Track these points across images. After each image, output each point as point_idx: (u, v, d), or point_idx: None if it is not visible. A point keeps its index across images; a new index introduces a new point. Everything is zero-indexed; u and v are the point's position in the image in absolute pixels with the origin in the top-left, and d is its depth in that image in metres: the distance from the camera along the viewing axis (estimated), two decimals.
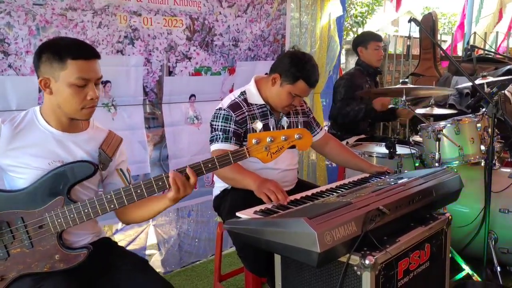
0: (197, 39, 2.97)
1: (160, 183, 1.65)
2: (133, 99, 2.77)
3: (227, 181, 2.38)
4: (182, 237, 3.26)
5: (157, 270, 3.04)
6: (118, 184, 1.86)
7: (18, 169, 1.68)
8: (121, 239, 2.93)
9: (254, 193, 2.12)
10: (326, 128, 4.20)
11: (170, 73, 2.89)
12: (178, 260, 3.25)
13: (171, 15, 2.82)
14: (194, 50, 2.97)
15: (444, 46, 7.91)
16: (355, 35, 8.82)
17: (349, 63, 6.74)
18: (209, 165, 1.65)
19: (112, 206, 1.65)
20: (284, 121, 2.44)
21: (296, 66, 2.31)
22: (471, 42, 5.74)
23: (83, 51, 1.66)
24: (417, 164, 3.18)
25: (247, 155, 1.66)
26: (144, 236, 3.08)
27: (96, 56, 1.70)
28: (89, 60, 1.66)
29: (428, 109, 3.54)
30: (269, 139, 1.66)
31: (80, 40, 1.79)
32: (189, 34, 2.93)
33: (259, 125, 1.69)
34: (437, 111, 3.54)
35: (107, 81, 2.63)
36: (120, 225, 2.92)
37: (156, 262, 3.15)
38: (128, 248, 2.95)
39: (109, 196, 1.64)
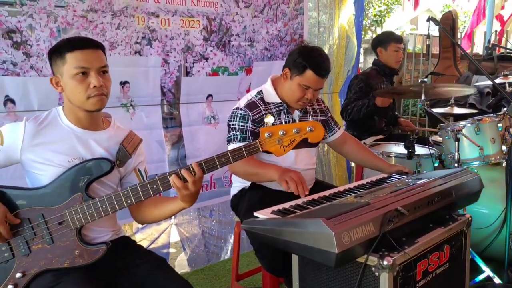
0: (214, 39, 2.98)
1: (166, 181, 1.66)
2: (151, 99, 2.80)
3: (250, 177, 2.38)
4: (207, 237, 3.28)
5: (184, 270, 3.11)
6: (136, 183, 1.88)
7: (40, 166, 1.72)
8: (142, 239, 2.96)
9: (277, 181, 2.12)
10: (344, 128, 4.18)
11: (187, 73, 2.91)
12: (205, 260, 3.26)
13: (188, 16, 2.84)
14: (211, 51, 2.98)
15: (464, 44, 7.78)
16: (374, 34, 8.74)
17: (367, 62, 6.70)
18: (223, 159, 1.66)
19: (129, 201, 1.67)
20: (296, 115, 2.45)
21: (303, 56, 2.32)
22: (492, 41, 5.65)
23: (78, 43, 1.72)
24: (436, 164, 3.14)
25: (260, 149, 1.66)
26: (165, 236, 3.10)
27: (94, 46, 1.73)
28: (85, 50, 1.70)
29: (448, 108, 3.49)
30: (281, 132, 1.66)
31: (81, 36, 1.83)
32: (206, 35, 2.95)
33: (271, 119, 1.69)
34: (457, 110, 3.50)
35: (126, 82, 2.66)
36: (140, 225, 2.95)
37: (181, 261, 3.17)
38: (150, 247, 2.98)
39: (126, 192, 1.67)
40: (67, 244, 1.69)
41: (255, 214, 1.87)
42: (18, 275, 1.66)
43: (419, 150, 3.17)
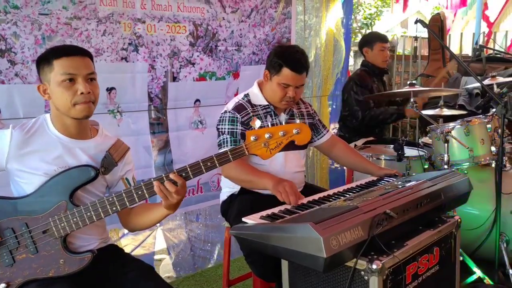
0: (200, 44, 2.98)
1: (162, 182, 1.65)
2: (138, 105, 2.79)
3: (244, 183, 2.38)
4: (193, 241, 3.26)
5: (168, 274, 3.09)
6: None
7: (25, 175, 1.70)
8: (128, 243, 2.94)
9: (271, 191, 2.13)
10: (335, 130, 4.18)
11: (174, 78, 2.91)
12: (191, 265, 3.24)
13: (174, 22, 2.84)
14: (198, 56, 2.98)
15: (455, 45, 7.82)
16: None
17: (357, 64, 6.70)
18: (208, 164, 1.64)
19: (114, 208, 1.65)
20: (283, 118, 2.45)
21: (278, 55, 2.36)
22: (480, 42, 5.69)
23: (65, 50, 1.72)
24: (426, 166, 3.14)
25: (246, 152, 1.65)
26: (151, 240, 3.08)
27: (81, 53, 1.73)
28: (72, 56, 1.70)
29: (437, 110, 3.50)
30: (268, 135, 1.65)
31: (69, 44, 1.83)
32: (193, 40, 2.94)
33: (257, 122, 1.68)
34: (447, 112, 3.50)
35: (112, 88, 2.65)
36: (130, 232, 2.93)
37: (166, 266, 3.15)
38: (136, 252, 2.96)
39: (111, 199, 1.65)
40: (51, 253, 1.67)
41: (244, 219, 1.86)
42: (2, 285, 1.63)
43: (409, 152, 3.17)
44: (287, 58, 2.34)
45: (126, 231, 2.93)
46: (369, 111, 3.71)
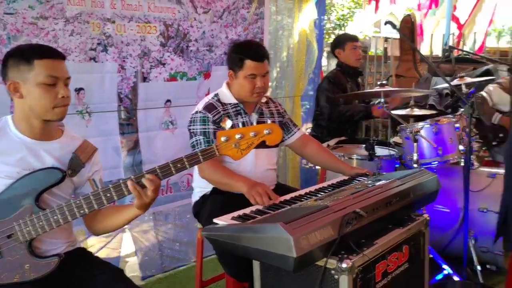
0: (171, 45, 2.96)
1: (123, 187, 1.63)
2: (108, 105, 2.75)
3: (220, 186, 2.37)
4: (162, 241, 3.22)
5: (134, 274, 3.05)
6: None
7: None
8: (94, 244, 2.89)
9: (245, 195, 2.13)
10: (309, 130, 4.20)
11: (144, 79, 2.88)
12: (159, 265, 3.20)
13: (144, 22, 2.81)
14: (169, 56, 2.95)
15: (425, 46, 7.98)
16: None
17: (330, 65, 6.77)
18: (178, 165, 1.63)
19: (82, 211, 1.62)
20: (254, 118, 2.46)
21: (236, 51, 2.43)
22: (449, 43, 5.81)
23: (48, 51, 1.70)
24: (397, 165, 3.18)
25: (217, 153, 1.64)
26: (118, 240, 3.03)
27: (62, 57, 1.72)
28: (55, 60, 1.68)
29: (408, 110, 3.55)
30: (238, 136, 1.64)
31: (47, 45, 1.81)
32: (163, 40, 2.92)
33: (228, 123, 1.68)
34: (418, 111, 3.56)
35: (81, 88, 2.60)
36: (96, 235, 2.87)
37: (133, 266, 3.10)
38: (102, 252, 2.91)
39: (78, 201, 1.62)
40: (16, 258, 1.63)
41: (215, 220, 1.86)
42: None
43: (380, 151, 3.21)
44: (246, 50, 2.41)
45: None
46: (337, 107, 3.74)
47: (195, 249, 3.28)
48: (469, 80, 3.49)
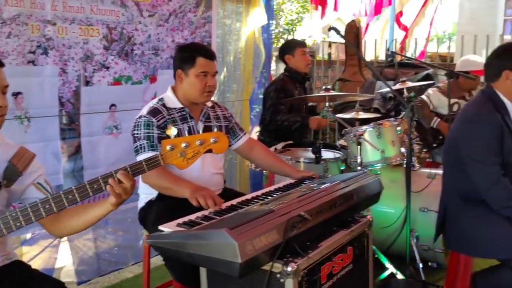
0: (115, 48, 2.90)
1: (96, 186, 1.57)
2: (48, 110, 2.66)
3: (164, 190, 2.33)
4: (99, 246, 3.11)
5: (70, 280, 2.95)
6: (39, 198, 1.75)
7: None
8: (28, 251, 2.77)
9: (188, 199, 2.10)
10: (258, 134, 4.22)
11: (87, 83, 2.80)
12: (95, 269, 3.09)
13: (87, 24, 2.74)
14: (112, 60, 2.89)
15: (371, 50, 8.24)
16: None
17: (279, 69, 6.84)
18: None
19: (18, 224, 1.53)
20: (200, 126, 2.45)
21: (186, 50, 2.45)
22: (392, 48, 6.03)
23: None
24: (342, 168, 3.25)
25: (162, 162, 1.61)
26: (53, 248, 2.91)
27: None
28: None
29: (353, 113, 3.64)
30: (184, 145, 1.62)
31: None
32: (106, 43, 2.86)
33: (173, 131, 1.65)
34: (363, 115, 3.66)
35: (19, 93, 2.50)
36: (29, 235, 2.74)
37: (68, 272, 3.00)
38: (38, 258, 2.80)
39: (14, 214, 1.52)
40: None
41: (160, 227, 1.83)
42: None
43: (327, 154, 3.27)
44: (197, 48, 2.45)
45: (28, 236, 2.76)
46: (277, 115, 3.79)
47: (135, 252, 3.24)
48: (410, 84, 3.63)
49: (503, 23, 11.11)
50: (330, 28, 2.89)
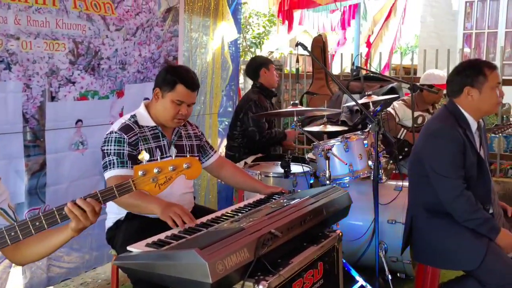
0: (81, 63, 2.85)
1: (64, 212, 1.54)
2: (11, 126, 2.58)
3: (131, 208, 2.28)
4: (51, 257, 2.95)
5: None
6: (1, 224, 1.68)
7: None
8: None
9: (160, 217, 2.07)
10: (224, 148, 4.21)
11: (52, 98, 2.74)
12: (45, 282, 2.96)
13: (52, 39, 2.68)
14: (79, 74, 2.84)
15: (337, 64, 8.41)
16: (253, 56, 9.05)
17: (247, 83, 6.86)
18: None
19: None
20: (173, 151, 2.41)
21: (171, 73, 2.38)
22: (357, 63, 6.15)
23: None
24: (312, 181, 3.28)
25: (133, 188, 1.59)
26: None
27: None
28: None
29: (321, 126, 3.68)
30: (156, 170, 1.60)
31: None
32: (73, 58, 2.80)
33: (146, 156, 1.63)
34: (330, 128, 3.70)
35: None
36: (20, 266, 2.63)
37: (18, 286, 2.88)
38: None
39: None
40: None
41: (129, 248, 1.79)
42: None
43: (296, 168, 3.28)
44: (182, 75, 2.37)
45: None
46: (268, 132, 3.85)
47: (86, 262, 3.14)
48: (376, 98, 3.70)
49: (463, 36, 11.52)
50: (297, 44, 2.93)
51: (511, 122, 5.43)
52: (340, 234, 2.20)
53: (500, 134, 4.50)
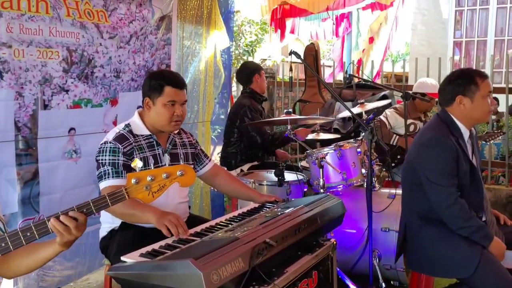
0: (75, 71, 2.84)
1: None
2: (3, 135, 2.56)
3: (126, 217, 2.27)
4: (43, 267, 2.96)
5: None
6: None
7: None
8: None
9: (155, 226, 2.06)
10: (219, 156, 4.21)
11: (45, 106, 2.72)
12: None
13: (46, 47, 2.67)
14: (72, 82, 2.83)
15: (329, 71, 8.45)
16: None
17: (239, 90, 6.87)
18: (84, 210, 1.54)
19: None
20: (167, 159, 2.40)
21: (155, 78, 2.38)
22: (350, 71, 6.19)
23: None
24: (305, 189, 3.27)
25: (126, 197, 1.57)
26: None
27: None
28: None
29: (314, 134, 3.69)
30: (150, 178, 1.59)
31: None
32: (66, 66, 2.79)
33: (139, 163, 1.62)
34: (323, 136, 3.70)
35: None
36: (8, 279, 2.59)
37: None
38: None
39: None
40: None
41: (123, 258, 1.78)
42: None
43: (289, 176, 3.28)
44: (166, 77, 2.38)
45: None
46: (268, 134, 3.85)
47: (79, 273, 3.13)
48: (368, 106, 3.72)
49: (453, 44, 11.64)
50: (291, 53, 2.94)
51: (501, 130, 5.49)
52: (335, 242, 2.20)
53: (491, 142, 4.53)
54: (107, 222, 2.40)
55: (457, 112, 2.42)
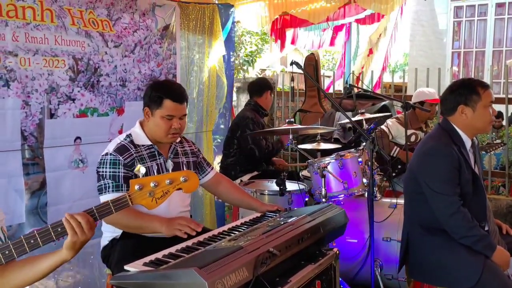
0: (81, 79, 2.86)
1: (60, 229, 1.51)
2: (10, 144, 2.58)
3: (132, 230, 2.26)
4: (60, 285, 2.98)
5: None
6: None
7: None
8: None
9: (165, 234, 2.09)
10: (219, 165, 4.22)
11: (52, 115, 2.74)
12: None
13: (52, 55, 2.70)
14: (79, 91, 2.85)
15: (328, 81, 8.49)
16: (246, 74, 9.11)
17: (240, 100, 6.90)
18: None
19: None
20: (170, 164, 2.41)
21: (155, 89, 2.36)
22: (349, 81, 6.22)
23: None
24: (307, 199, 3.28)
25: (130, 203, 1.58)
26: None
27: None
28: None
29: (315, 144, 3.71)
30: (153, 184, 1.59)
31: None
32: (73, 75, 2.81)
33: (142, 169, 1.63)
34: (324, 145, 3.72)
35: None
36: None
37: None
38: None
39: None
40: None
41: (126, 267, 1.77)
42: None
43: (291, 186, 3.29)
44: (167, 89, 2.35)
45: None
46: (265, 147, 3.91)
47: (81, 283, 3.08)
48: (368, 115, 3.75)
49: (452, 55, 11.71)
50: (292, 63, 2.96)
51: (502, 141, 5.51)
52: (337, 252, 2.21)
53: (492, 152, 4.55)
54: (109, 231, 2.39)
55: (459, 122, 2.44)
